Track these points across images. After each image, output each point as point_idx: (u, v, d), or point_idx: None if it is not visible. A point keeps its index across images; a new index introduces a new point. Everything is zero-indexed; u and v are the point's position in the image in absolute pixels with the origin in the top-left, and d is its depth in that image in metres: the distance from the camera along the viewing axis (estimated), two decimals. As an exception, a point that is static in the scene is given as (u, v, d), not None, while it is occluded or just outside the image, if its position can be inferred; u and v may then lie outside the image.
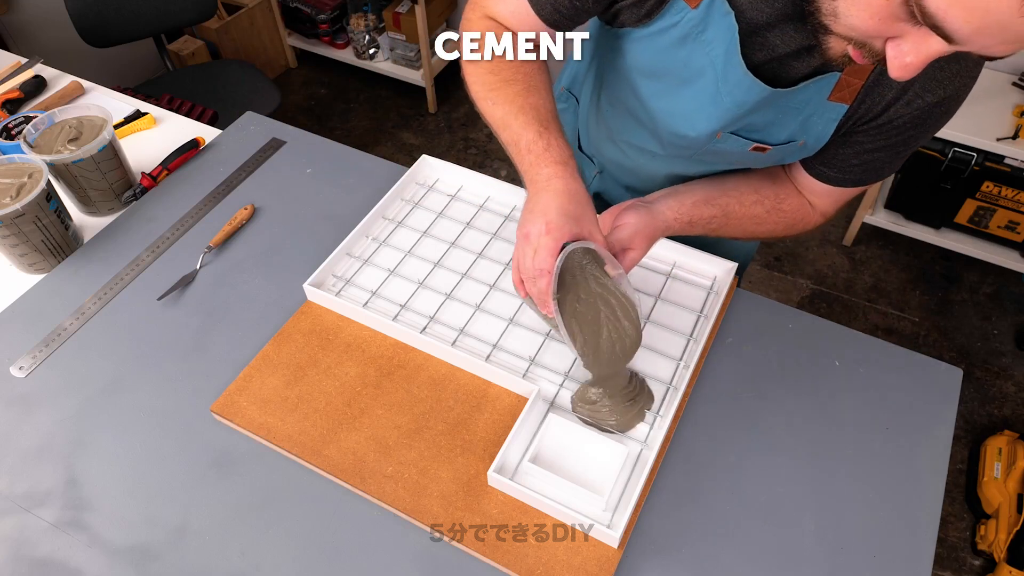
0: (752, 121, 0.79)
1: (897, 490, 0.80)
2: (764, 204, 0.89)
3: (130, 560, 0.76)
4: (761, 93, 0.74)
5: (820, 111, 0.76)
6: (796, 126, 0.78)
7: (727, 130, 0.80)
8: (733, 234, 0.92)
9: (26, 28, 2.38)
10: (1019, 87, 2.02)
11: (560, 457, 0.80)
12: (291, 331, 0.93)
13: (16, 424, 0.87)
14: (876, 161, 0.81)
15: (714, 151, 0.84)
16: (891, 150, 0.79)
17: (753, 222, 0.90)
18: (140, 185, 1.13)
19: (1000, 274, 2.24)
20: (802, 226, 0.92)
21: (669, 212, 0.87)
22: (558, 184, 0.72)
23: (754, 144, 0.81)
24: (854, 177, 0.83)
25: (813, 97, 0.75)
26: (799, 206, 0.90)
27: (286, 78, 3.05)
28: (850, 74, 0.72)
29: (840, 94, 0.74)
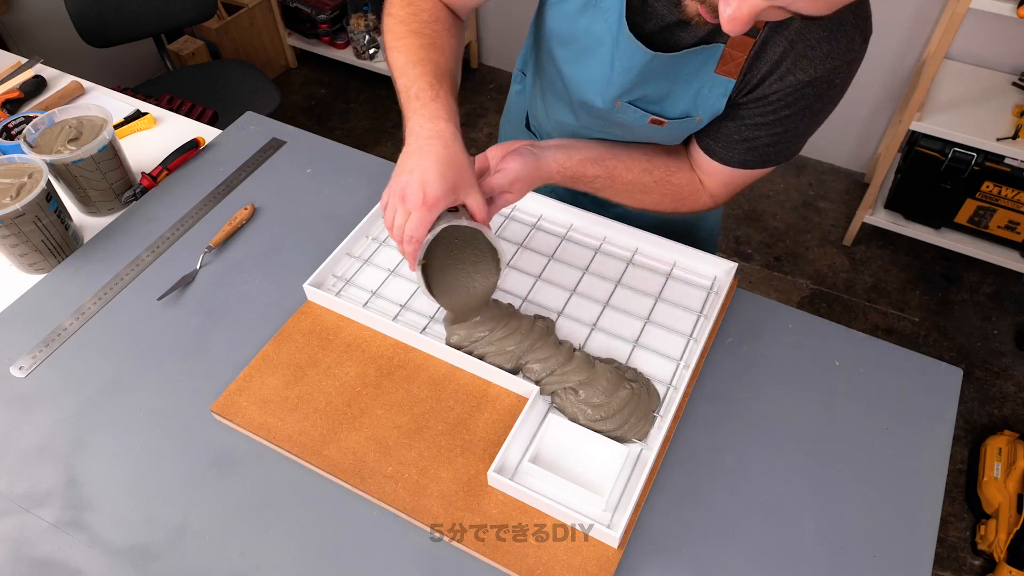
0: (648, 92, 0.82)
1: (897, 490, 0.80)
2: (653, 174, 0.91)
3: (130, 560, 0.76)
4: (644, 57, 0.77)
5: (709, 84, 0.80)
6: (689, 100, 0.82)
7: (624, 99, 0.84)
8: (619, 198, 0.94)
9: (26, 28, 2.38)
10: (1019, 87, 2.02)
11: (560, 457, 0.80)
12: (291, 331, 0.93)
13: (16, 424, 0.87)
14: (756, 140, 0.84)
15: (618, 123, 0.88)
16: (769, 128, 0.82)
17: (640, 189, 0.92)
18: (140, 185, 1.13)
19: (1000, 274, 2.24)
20: (691, 203, 0.94)
21: (554, 164, 0.89)
22: (438, 146, 0.74)
23: (651, 117, 0.85)
24: (738, 156, 0.86)
25: (701, 69, 0.78)
26: (689, 181, 0.92)
27: (286, 78, 3.05)
28: (733, 47, 0.76)
29: (726, 67, 0.78)
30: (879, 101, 2.36)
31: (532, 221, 1.05)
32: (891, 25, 2.17)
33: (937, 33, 2.09)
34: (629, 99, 0.83)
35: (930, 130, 1.94)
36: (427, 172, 0.73)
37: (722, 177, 0.90)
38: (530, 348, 0.87)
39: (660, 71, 0.79)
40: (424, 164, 0.73)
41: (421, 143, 0.75)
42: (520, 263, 1.00)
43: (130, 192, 1.12)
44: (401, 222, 0.75)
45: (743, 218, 2.44)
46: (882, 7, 1.64)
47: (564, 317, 0.93)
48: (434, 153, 0.74)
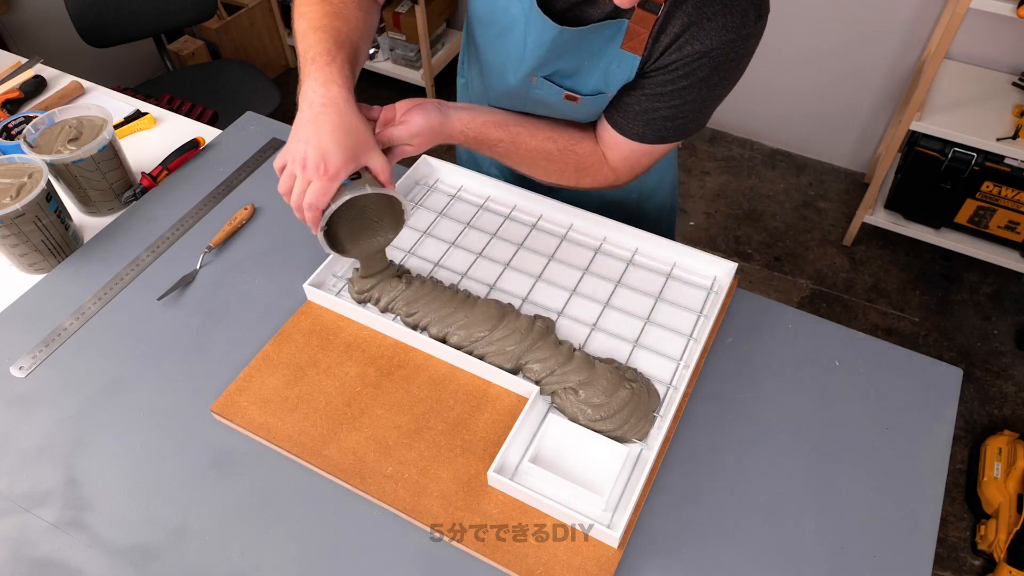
0: (560, 68, 0.85)
1: (897, 490, 0.80)
2: (557, 143, 0.93)
3: (130, 560, 0.76)
4: (552, 32, 0.80)
5: (617, 60, 0.82)
6: (599, 76, 0.85)
7: (539, 74, 0.87)
8: (523, 166, 0.95)
9: (26, 28, 2.38)
10: (1019, 87, 2.02)
11: (560, 457, 0.80)
12: (291, 331, 0.93)
13: (16, 424, 0.87)
14: (655, 112, 0.85)
15: (536, 99, 0.91)
16: (667, 100, 0.84)
17: (543, 157, 0.93)
18: (140, 185, 1.13)
19: (1000, 274, 2.24)
20: (592, 174, 0.95)
21: (458, 123, 0.90)
22: (333, 116, 0.74)
23: (566, 92, 0.88)
24: (637, 129, 0.88)
25: (607, 45, 0.81)
26: (592, 152, 0.94)
27: (286, 78, 3.05)
28: (637, 23, 0.78)
29: (631, 43, 0.80)
30: (879, 101, 2.36)
31: (532, 221, 1.05)
32: (891, 25, 2.17)
33: (937, 33, 2.09)
34: (543, 74, 0.87)
35: (930, 130, 1.94)
36: (325, 142, 0.73)
37: (622, 151, 0.92)
38: (530, 348, 0.87)
39: (569, 46, 0.82)
40: (321, 134, 0.73)
41: (316, 111, 0.74)
42: (520, 263, 1.00)
43: (130, 192, 1.12)
44: (300, 190, 0.75)
45: (743, 218, 2.44)
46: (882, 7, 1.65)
47: (564, 317, 0.93)
48: (330, 122, 0.74)
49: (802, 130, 2.58)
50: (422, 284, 0.94)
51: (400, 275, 0.96)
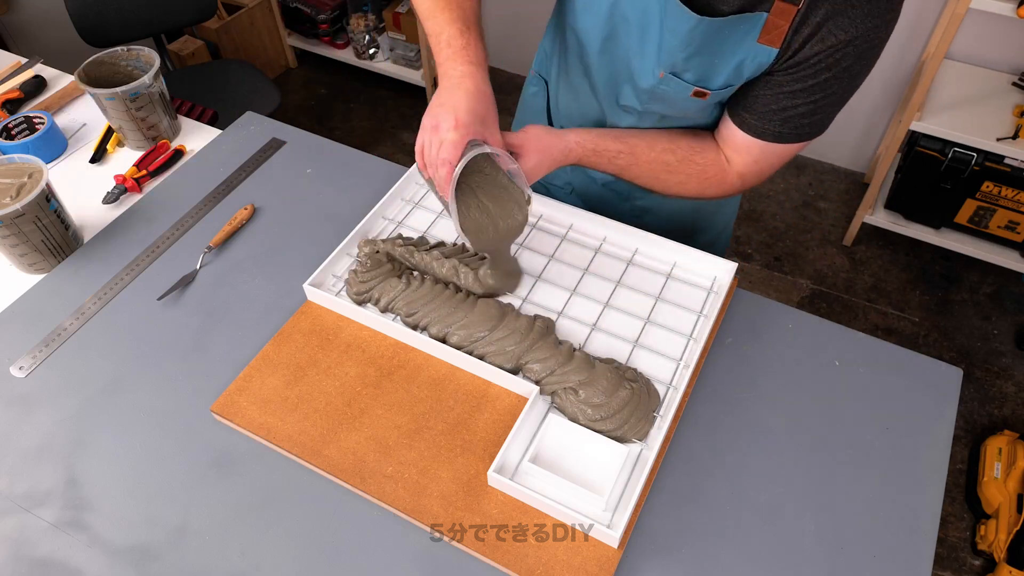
0: (692, 63, 0.82)
1: (897, 490, 0.80)
2: (676, 153, 0.91)
3: (130, 560, 0.76)
4: (689, 22, 0.77)
5: (751, 54, 0.79)
6: (731, 70, 0.81)
7: (669, 70, 0.84)
8: (643, 178, 0.93)
9: (26, 28, 2.38)
10: (1019, 87, 2.02)
11: (560, 457, 0.80)
12: (291, 331, 0.93)
13: (16, 424, 0.87)
14: (794, 109, 0.82)
15: (660, 97, 0.88)
16: (807, 95, 0.81)
17: (663, 168, 0.92)
18: (120, 186, 1.14)
19: (1000, 274, 2.24)
20: (717, 183, 0.93)
21: (572, 135, 0.91)
22: (469, 84, 0.80)
23: (695, 88, 0.85)
24: (774, 128, 0.85)
25: (744, 39, 0.78)
26: (715, 161, 0.91)
27: (286, 78, 3.05)
28: (776, 16, 0.75)
29: (768, 37, 0.77)
30: (879, 101, 2.36)
31: (532, 221, 1.05)
32: (891, 25, 2.17)
33: (937, 33, 2.09)
34: (673, 70, 0.84)
35: (930, 130, 1.94)
36: (458, 102, 0.79)
37: (753, 153, 0.88)
38: (530, 348, 0.87)
39: (705, 39, 0.79)
40: (455, 96, 0.79)
41: (453, 82, 0.81)
42: (520, 263, 1.00)
43: (112, 191, 1.14)
44: (434, 149, 0.79)
45: (743, 218, 2.44)
46: (882, 7, 1.60)
47: (564, 317, 0.93)
48: (464, 88, 0.80)
49: (802, 130, 2.57)
50: (422, 284, 0.94)
51: (400, 275, 0.96)
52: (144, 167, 1.17)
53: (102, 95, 1.15)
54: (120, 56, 1.23)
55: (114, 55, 1.23)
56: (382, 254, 0.97)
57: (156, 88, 1.19)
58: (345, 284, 0.96)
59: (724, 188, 0.93)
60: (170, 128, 1.25)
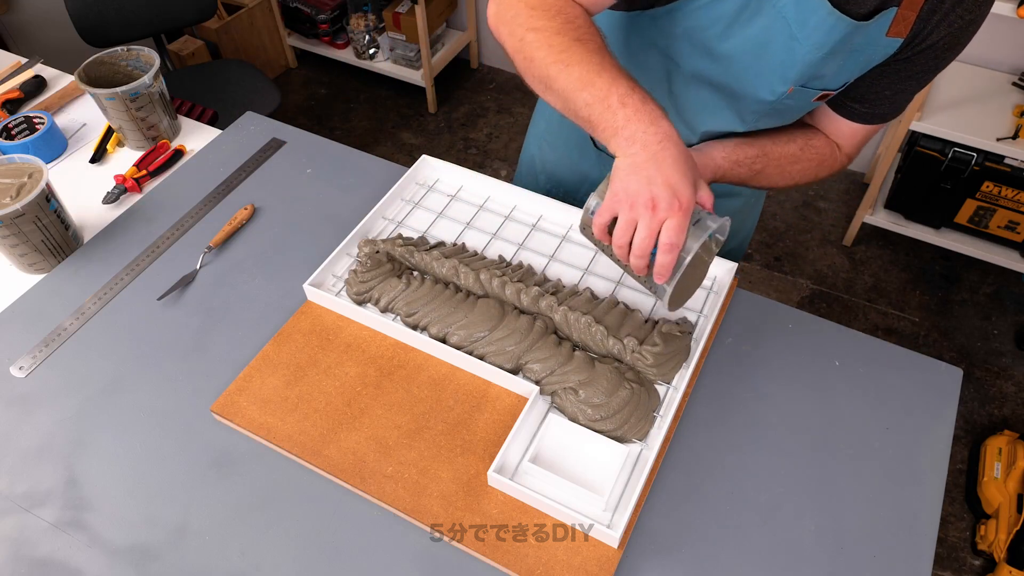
0: (824, 71, 0.78)
1: (897, 490, 0.80)
2: (796, 142, 0.92)
3: (130, 560, 0.76)
4: (845, 29, 0.73)
5: (880, 48, 0.78)
6: (857, 67, 0.80)
7: (800, 83, 0.80)
8: (773, 176, 0.93)
9: (26, 28, 2.38)
10: (1019, 87, 2.02)
11: (560, 457, 0.80)
12: (291, 331, 0.93)
13: (16, 424, 0.87)
14: (907, 92, 0.84)
15: (778, 111, 0.85)
16: (923, 77, 0.82)
17: (790, 160, 0.92)
18: (120, 186, 1.14)
19: (1000, 274, 2.24)
20: (830, 164, 0.94)
21: (717, 153, 0.90)
22: (673, 150, 0.68)
23: (820, 93, 0.82)
24: (882, 111, 0.86)
25: (874, 35, 0.76)
26: (826, 143, 0.93)
27: (286, 78, 3.05)
28: (906, 8, 0.74)
29: (896, 28, 0.75)
30: (879, 101, 2.36)
31: (532, 221, 1.05)
32: (891, 25, 2.17)
33: (937, 33, 2.09)
34: (803, 83, 0.80)
35: (930, 130, 1.94)
36: (674, 176, 0.68)
37: (860, 137, 0.90)
38: (530, 348, 0.87)
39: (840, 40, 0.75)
40: (666, 170, 0.68)
41: (653, 149, 0.68)
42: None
43: (112, 191, 1.14)
44: (651, 232, 0.69)
45: (743, 218, 2.44)
46: (882, 7, 1.60)
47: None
48: (671, 156, 0.68)
49: (802, 130, 2.58)
50: (422, 284, 0.94)
51: (400, 275, 0.96)
52: (144, 167, 1.17)
53: (102, 95, 1.15)
54: (120, 56, 1.23)
55: (114, 55, 1.23)
56: (382, 254, 0.97)
57: (156, 88, 1.19)
58: (345, 284, 0.96)
59: (835, 169, 0.95)
60: (170, 128, 1.25)
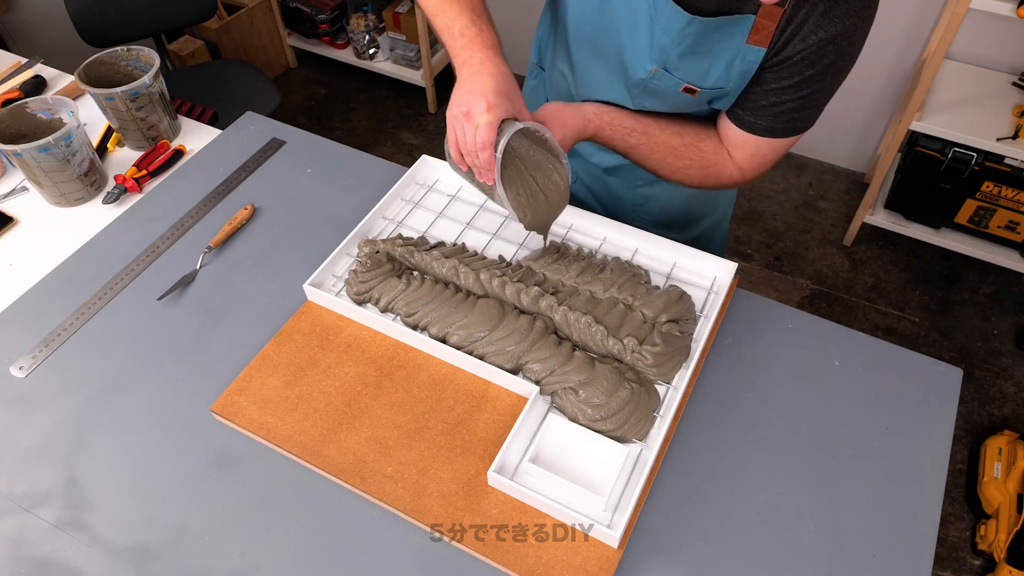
0: (684, 60, 0.85)
1: (897, 490, 0.80)
2: (683, 137, 0.94)
3: (130, 560, 0.76)
4: (682, 19, 0.80)
5: (741, 55, 0.82)
6: (721, 70, 0.84)
7: (662, 65, 0.86)
8: (651, 160, 0.96)
9: (26, 28, 2.38)
10: (1019, 87, 2.02)
11: (560, 457, 0.80)
12: (291, 331, 0.93)
13: (16, 424, 0.87)
14: (783, 104, 0.86)
15: (652, 91, 0.90)
16: (794, 91, 0.84)
17: (671, 152, 0.94)
18: (120, 186, 1.14)
19: (1000, 274, 2.24)
20: (718, 172, 0.95)
21: (591, 108, 0.94)
22: (491, 67, 0.82)
23: (685, 84, 0.87)
24: (765, 124, 0.88)
25: (733, 39, 0.81)
26: (717, 149, 0.94)
27: (286, 78, 3.05)
28: (764, 16, 0.78)
29: (757, 37, 0.80)
30: (879, 101, 2.36)
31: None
32: (891, 25, 2.17)
33: (937, 33, 2.09)
34: (665, 66, 0.86)
35: (930, 130, 1.94)
36: (485, 86, 0.80)
37: (749, 148, 0.92)
38: (530, 348, 0.87)
39: (697, 38, 0.82)
40: (481, 81, 0.80)
41: (474, 68, 0.82)
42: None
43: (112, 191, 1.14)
44: (470, 136, 0.80)
45: (743, 218, 2.44)
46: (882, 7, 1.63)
47: (564, 317, 0.93)
48: (487, 72, 0.81)
49: (802, 130, 2.58)
50: (422, 284, 0.94)
51: (400, 275, 0.96)
52: (144, 167, 1.17)
53: (102, 95, 1.15)
54: (120, 56, 1.23)
55: (114, 55, 1.23)
56: (382, 254, 0.97)
57: (156, 88, 1.19)
58: (345, 284, 0.96)
59: (723, 179, 0.96)
60: (170, 128, 1.25)
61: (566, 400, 0.83)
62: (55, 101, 1.12)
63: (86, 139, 1.12)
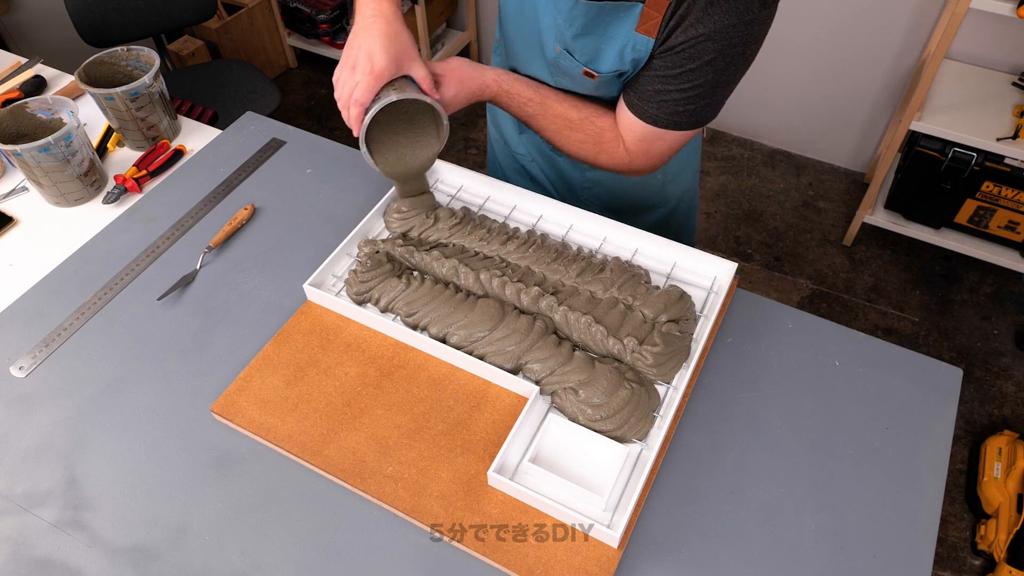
0: (580, 43, 0.89)
1: (897, 490, 0.80)
2: (580, 111, 0.97)
3: (130, 560, 0.76)
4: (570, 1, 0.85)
5: (631, 42, 0.85)
6: (615, 56, 0.88)
7: (563, 46, 0.91)
8: (547, 130, 0.99)
9: (26, 28, 2.38)
10: (1019, 87, 2.02)
11: (560, 457, 0.80)
12: (291, 331, 0.93)
13: (16, 424, 0.87)
14: (667, 95, 0.87)
15: (562, 71, 0.95)
16: (677, 83, 0.86)
17: (566, 124, 0.97)
18: (120, 186, 1.14)
19: (1000, 274, 2.24)
20: (609, 151, 0.97)
21: (491, 72, 0.97)
22: (381, 25, 0.83)
23: (584, 68, 0.91)
24: (651, 111, 0.90)
25: (623, 26, 0.85)
26: (611, 127, 0.97)
27: (286, 78, 3.05)
28: (651, 7, 0.81)
29: (646, 26, 0.83)
30: (879, 101, 2.36)
31: (532, 221, 1.05)
32: (891, 25, 2.17)
33: (937, 33, 2.09)
34: (566, 47, 0.90)
35: (930, 130, 1.94)
36: (373, 45, 0.82)
37: (636, 133, 0.93)
38: (530, 348, 0.87)
39: (587, 21, 0.86)
40: (370, 39, 0.83)
41: (366, 22, 0.84)
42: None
43: (112, 191, 1.14)
44: (348, 90, 0.83)
45: (743, 218, 2.44)
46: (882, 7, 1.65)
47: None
48: (378, 29, 0.83)
49: (802, 130, 2.58)
50: (422, 284, 0.94)
51: (400, 275, 0.96)
52: (144, 167, 1.17)
53: (102, 95, 1.15)
54: (120, 56, 1.23)
55: (114, 55, 1.23)
56: (382, 254, 0.97)
57: (156, 88, 1.19)
58: (345, 284, 0.96)
59: (615, 159, 0.98)
60: (170, 128, 1.25)
61: (566, 400, 0.83)
62: (55, 101, 1.12)
63: (86, 139, 1.12)
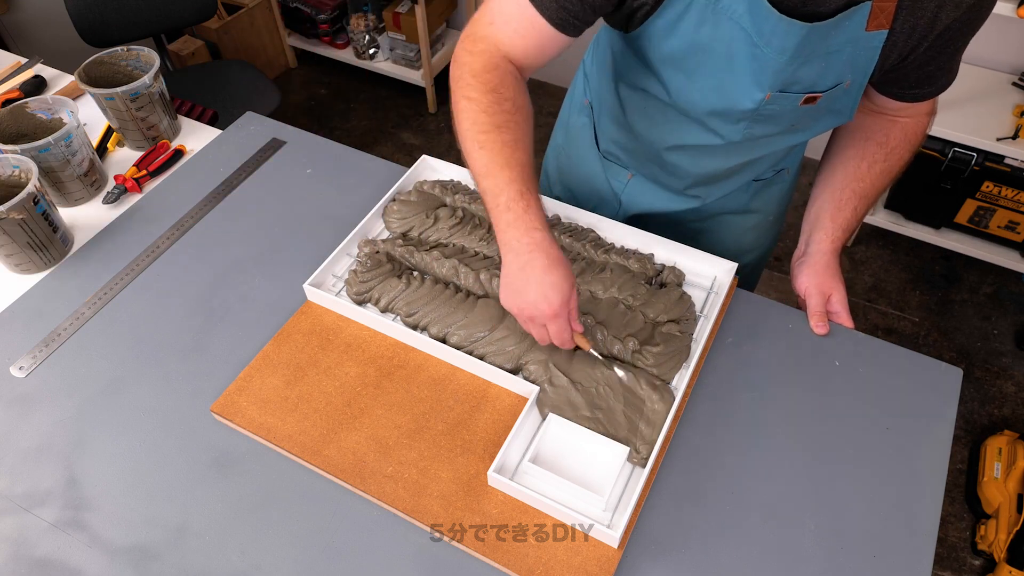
0: (801, 76, 0.79)
1: (897, 490, 0.80)
2: (875, 158, 0.95)
3: (130, 560, 0.76)
4: (800, 32, 0.73)
5: (863, 44, 0.77)
6: (841, 66, 0.79)
7: (776, 89, 0.80)
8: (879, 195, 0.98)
9: (26, 28, 2.38)
10: (1019, 87, 2.02)
11: (560, 457, 0.80)
12: (291, 331, 0.93)
13: (16, 424, 0.87)
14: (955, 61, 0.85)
15: (766, 116, 0.84)
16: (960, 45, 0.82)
17: (885, 177, 0.96)
18: (120, 186, 1.14)
19: (1000, 274, 2.24)
20: (919, 138, 0.97)
21: (824, 241, 0.96)
22: (542, 259, 0.76)
23: (805, 96, 0.82)
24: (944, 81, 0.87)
25: (851, 32, 0.75)
26: (903, 130, 0.95)
27: (286, 78, 3.05)
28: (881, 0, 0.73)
29: (877, 21, 0.75)
30: (879, 101, 2.36)
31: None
32: (891, 25, 2.17)
33: (937, 33, 2.09)
34: (782, 88, 0.80)
35: (930, 130, 1.94)
36: (540, 288, 0.76)
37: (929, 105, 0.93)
38: (530, 348, 0.87)
39: (814, 45, 0.76)
40: (533, 282, 0.76)
41: (523, 259, 0.76)
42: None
43: (112, 191, 1.13)
44: (544, 338, 0.81)
45: (743, 218, 2.44)
46: (882, 7, 1.60)
47: (564, 317, 0.93)
48: (540, 266, 0.76)
49: (802, 130, 2.57)
50: (422, 284, 0.94)
51: (400, 275, 0.96)
52: (144, 167, 1.17)
53: (102, 95, 1.15)
54: (120, 56, 1.23)
55: (114, 55, 1.22)
56: (382, 254, 0.97)
57: (156, 88, 1.19)
58: (345, 284, 0.96)
59: (926, 133, 0.98)
60: (170, 128, 1.25)
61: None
62: (55, 101, 1.12)
63: (86, 139, 1.12)
